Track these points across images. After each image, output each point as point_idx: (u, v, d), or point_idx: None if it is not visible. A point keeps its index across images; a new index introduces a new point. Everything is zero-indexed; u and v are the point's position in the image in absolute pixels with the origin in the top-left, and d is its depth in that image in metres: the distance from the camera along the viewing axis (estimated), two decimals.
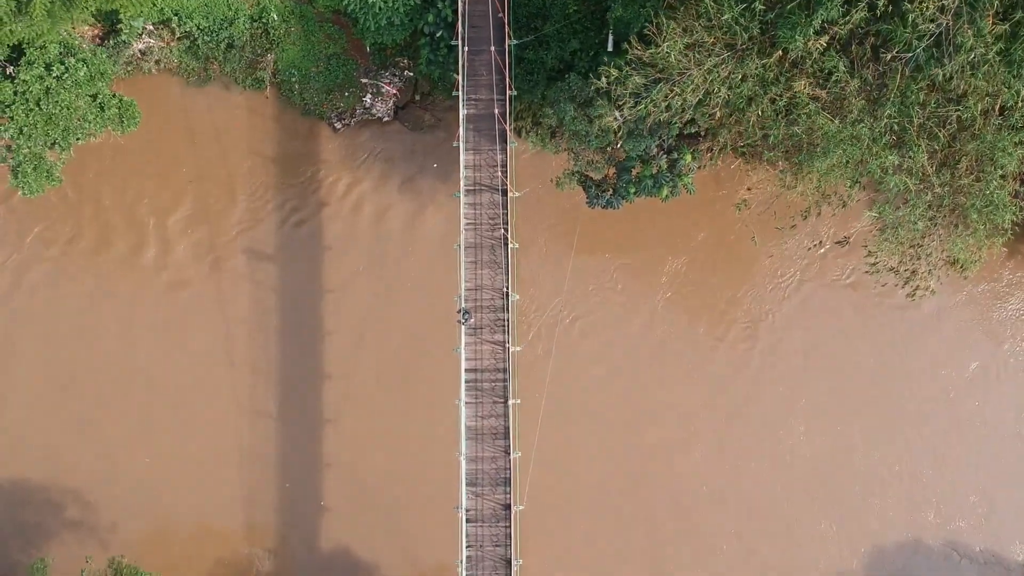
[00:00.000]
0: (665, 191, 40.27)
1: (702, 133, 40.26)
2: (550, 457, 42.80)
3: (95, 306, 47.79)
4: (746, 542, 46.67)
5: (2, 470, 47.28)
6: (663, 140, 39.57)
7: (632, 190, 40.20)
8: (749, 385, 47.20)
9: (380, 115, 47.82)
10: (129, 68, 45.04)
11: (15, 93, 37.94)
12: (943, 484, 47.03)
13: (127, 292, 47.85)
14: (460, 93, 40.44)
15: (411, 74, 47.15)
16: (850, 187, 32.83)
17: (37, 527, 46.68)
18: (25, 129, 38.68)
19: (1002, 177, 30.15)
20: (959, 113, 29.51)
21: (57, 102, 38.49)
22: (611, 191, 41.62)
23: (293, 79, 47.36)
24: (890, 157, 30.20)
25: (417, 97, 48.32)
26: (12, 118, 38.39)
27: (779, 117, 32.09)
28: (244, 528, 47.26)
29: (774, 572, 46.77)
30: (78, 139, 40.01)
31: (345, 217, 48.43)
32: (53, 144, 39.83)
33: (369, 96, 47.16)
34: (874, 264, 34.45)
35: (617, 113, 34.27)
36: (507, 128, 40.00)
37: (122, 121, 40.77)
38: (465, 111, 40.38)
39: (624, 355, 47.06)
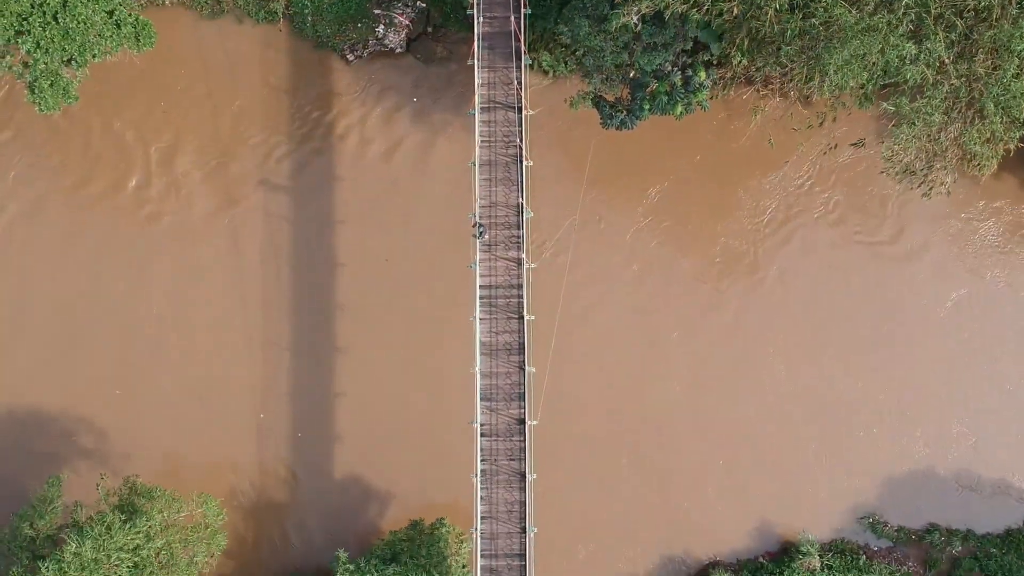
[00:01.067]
0: (679, 108, 40.34)
1: (715, 62, 40.46)
2: (563, 374, 42.78)
3: (107, 238, 47.97)
4: (738, 473, 46.54)
5: (17, 400, 47.34)
6: (677, 57, 39.69)
7: (646, 106, 40.27)
8: (747, 318, 47.21)
9: (392, 47, 47.97)
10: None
11: (32, 5, 38.15)
12: (929, 415, 46.63)
13: (137, 224, 48.02)
14: (475, 11, 40.57)
15: (423, 4, 47.32)
16: (865, 84, 32.80)
17: (51, 456, 46.71)
18: (42, 43, 38.87)
19: (1019, 67, 30.16)
20: (976, 2, 29.55)
21: (75, 16, 38.68)
22: (625, 111, 41.71)
23: (306, 11, 47.56)
24: (908, 46, 30.26)
25: (429, 29, 48.48)
26: (29, 31, 38.58)
27: (796, 11, 32.17)
28: (256, 457, 47.19)
29: (771, 502, 46.58)
30: (94, 56, 40.18)
31: (357, 148, 48.54)
32: (69, 60, 40.01)
33: (382, 27, 47.33)
34: (890, 159, 34.43)
35: (635, 8, 34.33)
36: (522, 45, 40.13)
37: (138, 39, 40.96)
38: (480, 28, 40.49)
39: (637, 279, 47.17)
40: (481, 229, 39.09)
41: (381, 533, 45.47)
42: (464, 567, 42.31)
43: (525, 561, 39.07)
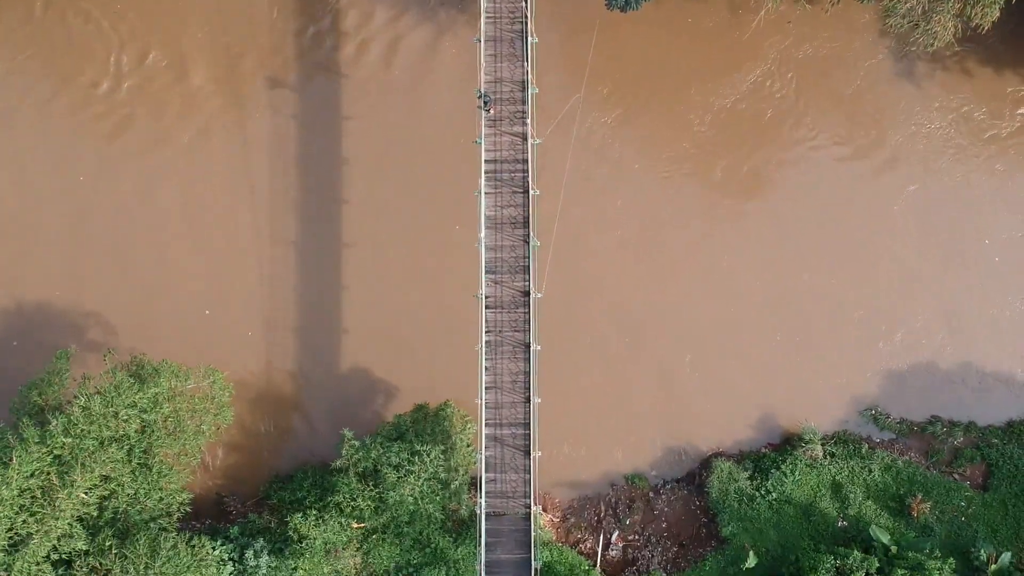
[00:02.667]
0: None
1: None
2: (567, 250, 43.11)
3: (113, 136, 48.49)
4: (740, 367, 46.81)
5: (25, 295, 47.71)
6: None
7: None
8: (763, 214, 47.73)
9: None
10: None
11: None
12: (905, 310, 46.98)
13: (144, 120, 48.54)
14: None
15: None
16: None
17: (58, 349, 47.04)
18: None
19: None
20: None
21: None
22: None
23: None
24: None
25: None
26: None
27: None
28: (263, 352, 47.57)
29: (774, 396, 46.84)
30: None
31: (363, 47, 49.08)
32: None
33: None
34: (891, 7, 34.70)
35: None
36: None
37: None
38: None
39: (640, 159, 47.68)
40: (487, 99, 39.48)
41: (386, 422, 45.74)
42: (469, 445, 42.61)
43: (529, 430, 39.33)
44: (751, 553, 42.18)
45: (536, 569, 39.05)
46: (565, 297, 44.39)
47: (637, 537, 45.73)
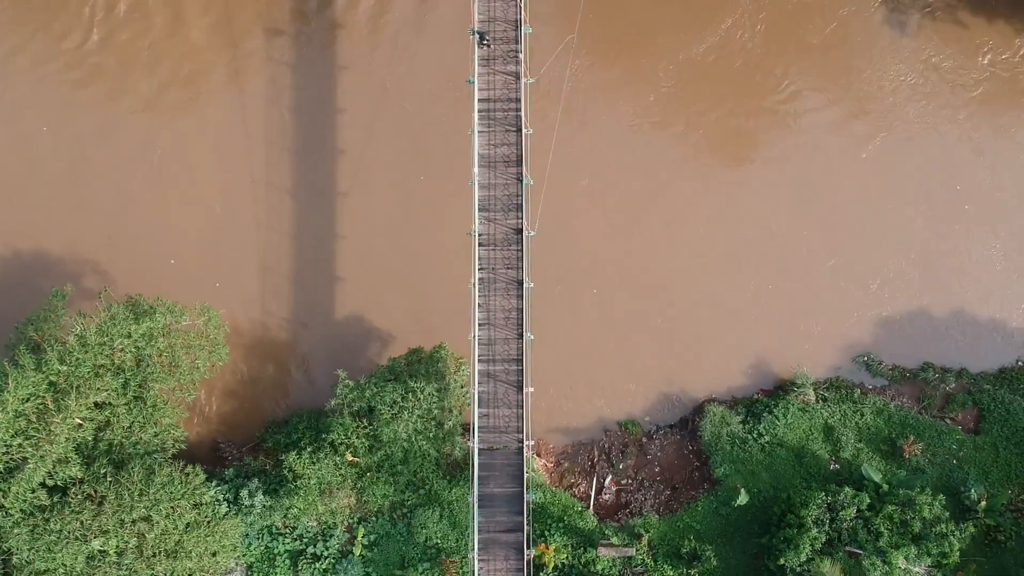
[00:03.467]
0: None
1: None
2: (558, 192, 43.32)
3: (110, 80, 48.80)
4: (734, 316, 47.12)
5: (22, 240, 47.88)
6: None
7: None
8: (765, 165, 48.10)
9: None
10: None
11: None
12: (881, 258, 47.37)
13: (141, 66, 48.82)
14: None
15: None
16: None
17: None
18: None
19: None
20: None
21: None
22: None
23: None
24: None
25: None
26: None
27: None
28: (258, 297, 47.82)
29: (767, 344, 47.09)
30: None
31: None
32: None
33: None
34: None
35: None
36: None
37: None
38: None
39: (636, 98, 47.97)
40: (483, 36, 39.67)
41: None
42: (463, 386, 42.81)
43: (522, 366, 39.57)
44: (742, 491, 42.40)
45: (528, 502, 39.26)
46: (558, 241, 44.71)
47: (630, 481, 45.96)
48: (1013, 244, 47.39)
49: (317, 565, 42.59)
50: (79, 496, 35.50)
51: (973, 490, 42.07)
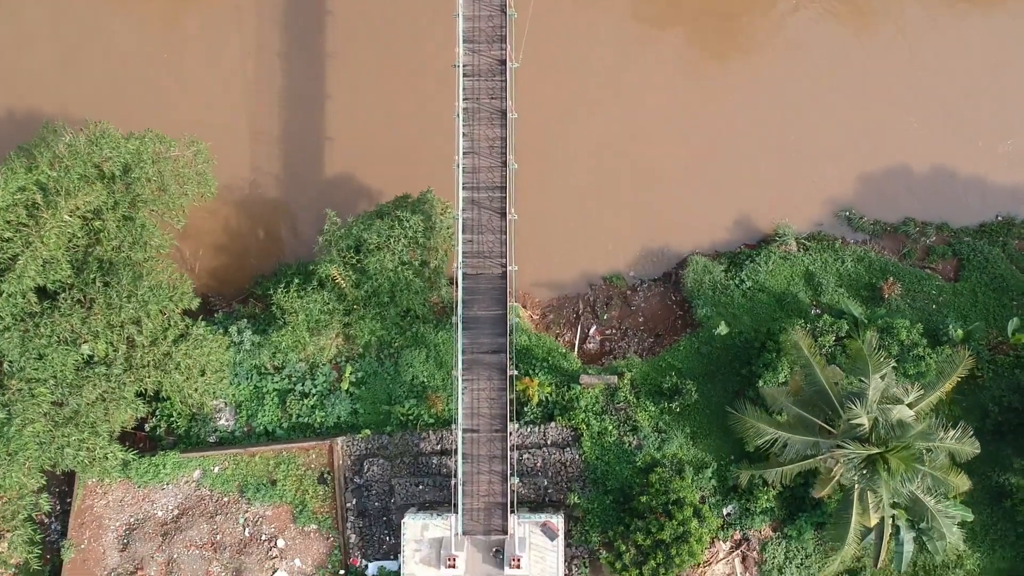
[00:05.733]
0: None
1: None
2: (544, 22, 43.94)
3: None
4: (718, 172, 47.95)
5: (17, 104, 48.50)
6: None
7: None
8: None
9: None
10: None
11: None
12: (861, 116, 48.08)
13: None
14: None
15: None
16: None
17: None
18: None
19: None
20: None
21: None
22: None
23: None
24: None
25: None
26: None
27: None
28: (248, 158, 48.54)
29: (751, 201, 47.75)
30: None
31: None
32: None
33: None
34: None
35: None
36: None
37: None
38: None
39: None
40: None
41: None
42: (448, 228, 43.39)
43: (505, 193, 40.19)
44: (722, 323, 43.02)
45: (511, 323, 39.87)
46: (542, 80, 45.19)
47: (614, 331, 46.59)
48: (996, 102, 48.00)
49: (305, 402, 43.20)
50: (69, 301, 36.10)
51: (951, 326, 42.61)
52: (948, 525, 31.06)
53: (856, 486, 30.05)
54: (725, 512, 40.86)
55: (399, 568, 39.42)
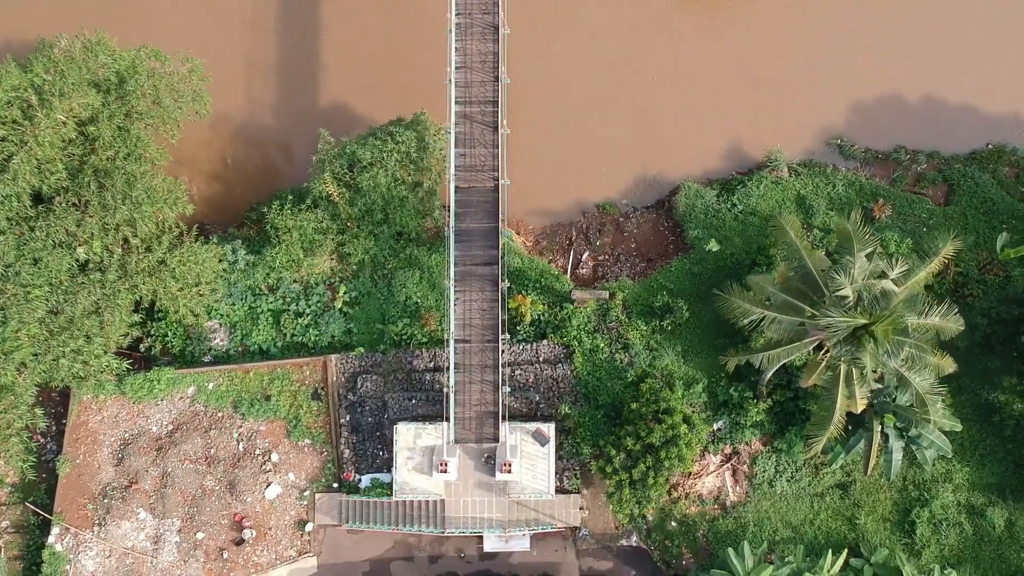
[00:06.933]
0: None
1: None
2: None
3: None
4: (711, 102, 48.19)
5: (14, 35, 48.78)
6: None
7: None
8: None
9: None
10: None
11: None
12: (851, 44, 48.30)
13: None
14: None
15: None
16: None
17: None
18: None
19: None
20: None
21: None
22: None
23: None
24: None
25: None
26: None
27: None
28: (244, 85, 48.86)
29: (743, 130, 48.02)
30: None
31: None
32: None
33: None
34: None
35: None
36: None
37: None
38: None
39: None
40: None
41: None
42: (441, 149, 43.69)
43: (497, 107, 40.50)
44: (713, 240, 43.31)
45: (503, 236, 40.17)
46: (536, 4, 45.46)
47: (607, 257, 46.88)
48: (989, 31, 48.28)
49: (299, 321, 43.50)
50: (64, 204, 36.41)
51: (940, 242, 42.77)
52: (933, 401, 31.25)
53: (842, 366, 30.28)
54: (715, 427, 41.12)
55: (392, 480, 39.67)
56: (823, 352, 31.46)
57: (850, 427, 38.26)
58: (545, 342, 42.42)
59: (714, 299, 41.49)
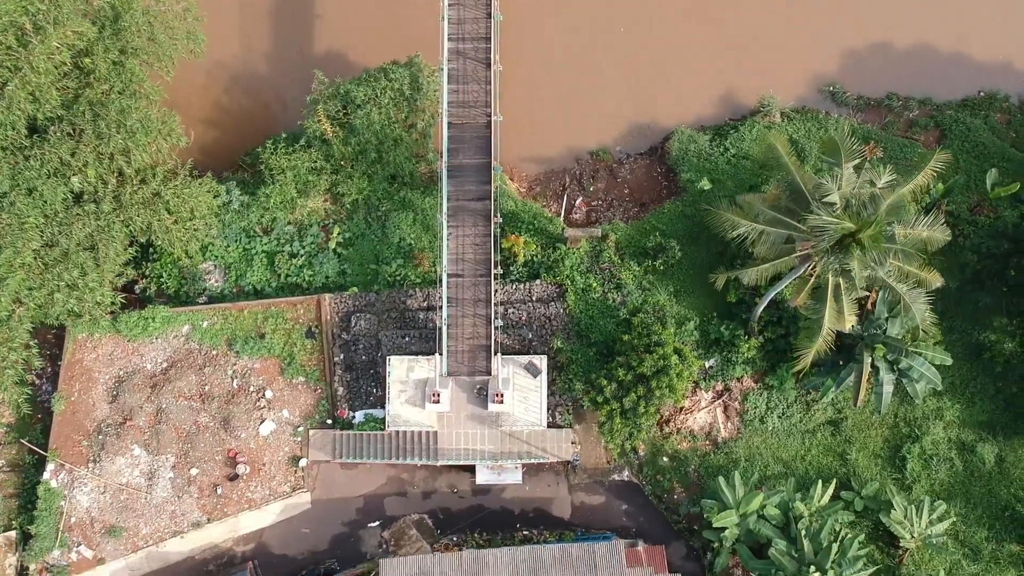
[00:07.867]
0: None
1: None
2: None
3: None
4: (703, 49, 48.36)
5: None
6: None
7: None
8: None
9: None
10: None
11: None
12: None
13: None
14: None
15: None
16: None
17: None
18: None
19: None
20: None
21: None
22: None
23: None
24: None
25: None
26: None
27: None
28: (238, 32, 49.03)
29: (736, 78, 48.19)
30: None
31: None
32: None
33: None
34: None
35: None
36: None
37: None
38: None
39: None
40: None
41: None
42: (435, 90, 43.83)
43: (490, 44, 40.72)
44: (704, 178, 43.52)
45: (495, 171, 40.37)
46: None
47: (600, 202, 47.09)
48: None
49: (294, 262, 43.72)
50: (58, 133, 36.58)
51: (931, 184, 43.00)
52: (920, 310, 31.43)
53: (830, 278, 30.50)
54: (707, 365, 41.33)
55: (385, 414, 39.87)
56: (811, 267, 31.66)
57: (841, 362, 38.56)
58: (538, 282, 42.65)
59: (707, 241, 41.86)
